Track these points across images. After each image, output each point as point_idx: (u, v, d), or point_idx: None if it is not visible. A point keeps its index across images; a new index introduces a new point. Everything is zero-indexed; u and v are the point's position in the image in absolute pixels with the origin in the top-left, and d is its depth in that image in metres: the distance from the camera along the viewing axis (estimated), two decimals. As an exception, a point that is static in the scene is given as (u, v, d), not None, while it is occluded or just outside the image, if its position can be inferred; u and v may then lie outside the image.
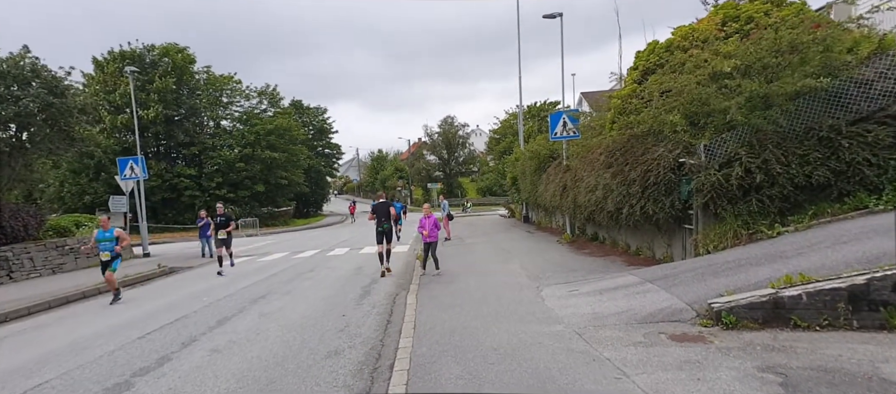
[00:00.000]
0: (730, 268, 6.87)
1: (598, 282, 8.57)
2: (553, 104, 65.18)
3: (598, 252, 12.64)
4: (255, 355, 6.22)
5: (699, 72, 9.07)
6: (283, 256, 18.85)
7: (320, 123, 62.04)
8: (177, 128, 40.37)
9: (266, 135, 42.55)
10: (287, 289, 11.14)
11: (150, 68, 38.73)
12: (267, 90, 46.87)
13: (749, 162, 7.86)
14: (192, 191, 40.01)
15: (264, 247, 24.18)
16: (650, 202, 9.29)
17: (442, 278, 10.71)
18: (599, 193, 11.12)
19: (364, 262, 15.41)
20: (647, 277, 7.81)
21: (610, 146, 11.07)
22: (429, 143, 74.85)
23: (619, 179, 10.22)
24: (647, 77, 12.15)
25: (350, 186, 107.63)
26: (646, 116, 10.03)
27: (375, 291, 10.40)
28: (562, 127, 15.86)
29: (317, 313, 8.49)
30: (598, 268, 10.39)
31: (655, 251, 10.60)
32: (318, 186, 61.77)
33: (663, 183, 9.07)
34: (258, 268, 15.65)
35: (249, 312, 8.91)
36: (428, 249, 11.26)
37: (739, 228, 7.99)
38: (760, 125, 7.97)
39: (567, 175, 15.07)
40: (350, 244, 22.28)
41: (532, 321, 6.66)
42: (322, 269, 14.39)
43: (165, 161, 40.57)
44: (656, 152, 9.30)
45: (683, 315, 6.06)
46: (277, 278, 12.94)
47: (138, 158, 20.08)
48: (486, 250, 15.07)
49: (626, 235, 12.05)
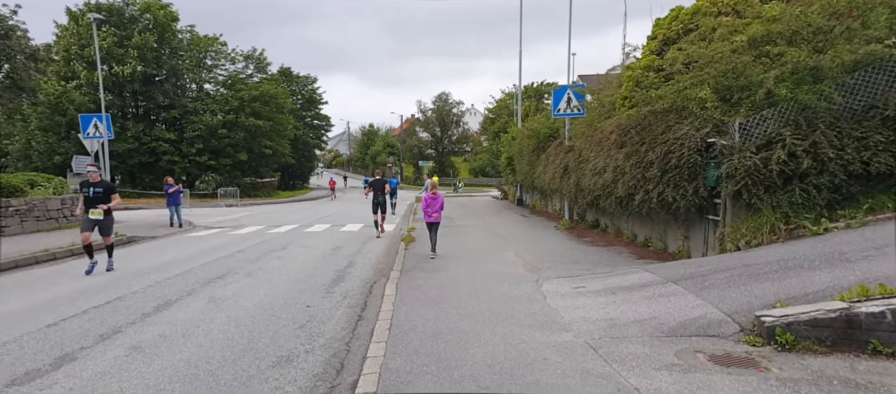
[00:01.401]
0: (774, 271, 5.67)
1: (607, 278, 7.36)
2: (551, 85, 63.73)
3: (601, 241, 11.46)
4: (184, 357, 4.94)
5: (735, 38, 7.77)
6: (256, 230, 17.49)
7: (310, 92, 59.93)
8: (156, 89, 38.29)
9: (251, 101, 40.65)
10: (250, 269, 9.83)
11: (130, 23, 36.46)
12: (254, 54, 44.78)
13: (794, 144, 6.63)
14: (171, 156, 38.20)
15: (240, 219, 22.77)
16: (670, 188, 8.07)
17: (428, 265, 9.46)
18: (608, 175, 9.88)
19: (343, 241, 14.11)
20: (669, 275, 6.61)
21: (623, 124, 9.79)
22: (422, 119, 73.13)
23: (634, 161, 8.97)
24: (667, 48, 10.84)
25: (339, 161, 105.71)
26: (668, 89, 8.74)
27: (351, 275, 9.13)
28: (566, 103, 14.54)
29: (277, 302, 7.21)
30: (604, 260, 9.19)
31: (668, 243, 9.42)
32: (306, 159, 59.99)
33: (686, 166, 7.84)
34: (227, 242, 14.30)
35: (198, 295, 7.60)
36: (431, 230, 10.35)
37: (777, 222, 6.80)
38: (809, 102, 6.73)
39: (569, 156, 13.80)
40: (332, 220, 20.94)
41: (533, 327, 5.44)
42: (295, 247, 13.08)
43: (144, 123, 38.60)
44: (680, 131, 8.04)
45: (723, 329, 4.87)
46: (243, 255, 11.61)
47: (103, 115, 18.41)
48: (479, 234, 13.84)
49: (634, 223, 10.86)
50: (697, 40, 8.61)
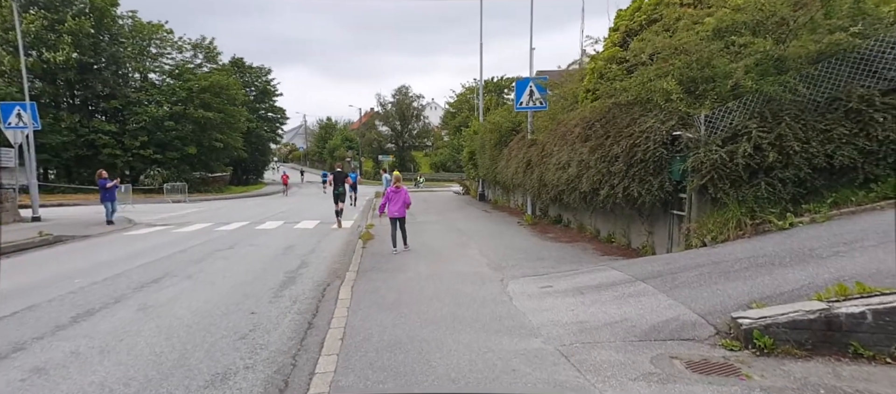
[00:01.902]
0: (745, 268, 5.49)
1: (574, 276, 7.06)
2: (511, 80, 63.96)
3: (564, 237, 11.24)
4: (98, 378, 4.24)
5: (699, 28, 7.61)
6: (203, 228, 16.41)
7: (263, 84, 57.69)
8: (94, 77, 35.71)
9: (200, 92, 38.58)
10: (192, 271, 9.01)
11: (62, 6, 33.77)
12: (202, 43, 42.50)
13: (760, 137, 6.51)
14: (111, 149, 35.75)
15: (187, 216, 21.44)
16: (635, 182, 7.86)
17: (387, 265, 8.93)
18: (573, 170, 9.63)
19: (297, 239, 13.35)
20: (637, 273, 6.36)
21: (588, 117, 9.55)
22: (381, 113, 71.90)
23: (599, 155, 8.73)
24: (629, 39, 10.68)
25: (296, 155, 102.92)
26: (633, 81, 8.53)
27: (303, 277, 8.49)
28: (528, 96, 14.26)
29: (218, 308, 6.52)
30: (568, 257, 8.93)
31: (632, 239, 9.26)
32: (260, 152, 57.86)
33: (652, 160, 7.64)
34: (169, 241, 13.26)
35: (127, 302, 6.80)
36: (396, 225, 10.06)
37: (743, 217, 6.67)
38: (774, 93, 6.62)
39: (532, 150, 13.54)
40: (286, 217, 19.99)
41: (500, 332, 5.03)
42: (244, 245, 12.24)
43: (81, 114, 35.94)
44: (645, 124, 7.83)
45: (698, 332, 4.60)
46: (186, 256, 10.72)
47: (27, 103, 16.78)
48: (440, 231, 13.39)
49: (597, 219, 10.69)
50: (661, 31, 8.44)
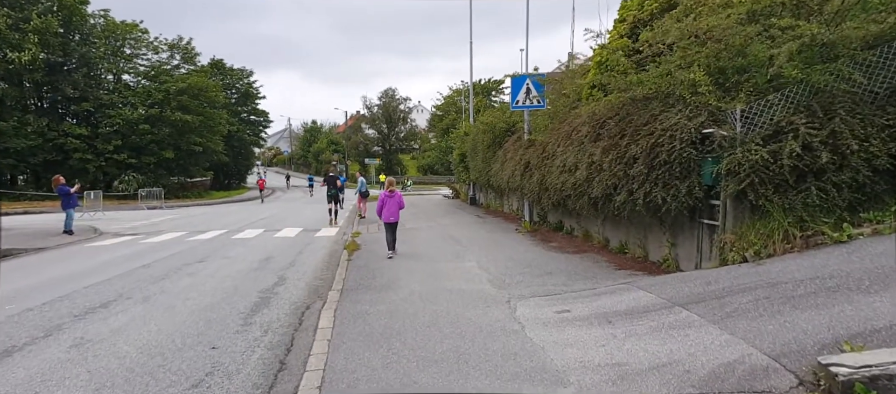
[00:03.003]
0: (812, 292, 4.54)
1: (594, 297, 6.07)
2: (500, 82, 63.27)
3: (570, 247, 10.27)
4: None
5: (730, 11, 6.69)
6: (175, 238, 15.15)
7: (245, 86, 56.14)
8: (64, 79, 34.01)
9: (177, 94, 37.04)
10: (150, 292, 7.84)
11: (28, 4, 32.08)
12: (180, 43, 40.90)
13: (810, 134, 5.59)
14: (83, 154, 34.08)
15: (161, 224, 20.10)
16: (658, 187, 6.90)
17: (376, 282, 7.87)
18: (582, 173, 8.66)
19: (277, 249, 12.20)
20: (672, 296, 5.39)
21: (598, 114, 8.60)
22: (368, 116, 70.76)
23: (613, 156, 7.77)
24: (639, 30, 9.77)
25: (281, 159, 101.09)
26: (651, 73, 7.59)
27: (279, 298, 7.39)
28: (524, 94, 13.29)
29: (172, 342, 5.41)
30: (580, 271, 7.94)
31: (650, 250, 8.32)
32: (242, 156, 56.25)
33: (678, 162, 6.69)
34: (134, 253, 12.02)
35: (61, 337, 5.64)
36: (390, 230, 10.05)
37: (791, 228, 5.74)
38: (824, 83, 5.72)
39: (531, 151, 12.58)
40: (266, 224, 18.77)
41: (518, 377, 4.01)
42: (216, 258, 11.06)
43: (49, 117, 34.20)
44: (668, 120, 6.89)
45: (775, 381, 3.61)
46: (148, 272, 9.52)
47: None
48: (432, 240, 12.34)
49: (606, 226, 9.73)
50: (682, 16, 7.53)
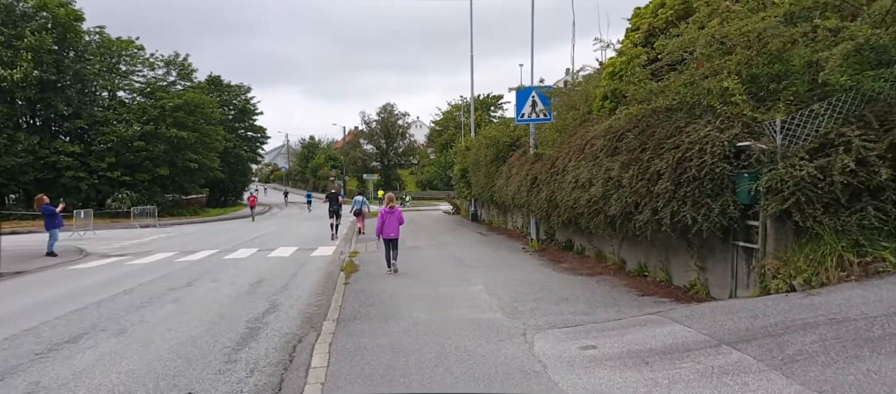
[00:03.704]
0: (893, 334, 3.87)
1: (621, 330, 5.39)
2: (498, 98, 63.10)
3: (583, 268, 9.59)
4: None
5: (765, 13, 6.12)
6: (164, 259, 14.43)
7: (243, 102, 55.71)
8: (57, 96, 33.45)
9: (173, 110, 36.49)
10: (127, 322, 7.13)
11: (21, 21, 31.65)
12: (176, 60, 40.46)
13: (864, 148, 4.97)
14: (75, 171, 33.37)
15: (151, 243, 19.37)
16: (688, 205, 6.26)
17: (375, 310, 7.17)
18: (597, 189, 8.02)
19: (270, 271, 11.50)
20: (715, 331, 4.71)
21: (614, 127, 8.00)
22: (366, 131, 70.34)
23: (634, 172, 7.15)
24: (652, 40, 9.23)
25: (278, 175, 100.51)
26: (674, 83, 7.01)
27: (269, 329, 6.69)
28: (530, 107, 12.72)
29: (143, 387, 4.70)
30: (600, 297, 7.25)
31: (673, 274, 7.65)
32: (239, 173, 55.61)
33: (709, 178, 6.06)
34: (117, 277, 11.30)
35: (12, 381, 4.94)
36: (389, 246, 10.04)
37: (845, 253, 5.09)
38: (879, 90, 5.12)
39: (537, 166, 11.97)
40: (261, 243, 18.06)
41: (551, 443, 3.31)
42: (205, 282, 10.35)
43: (41, 135, 33.57)
44: (696, 133, 6.28)
45: (872, 447, 2.94)
46: (129, 298, 8.81)
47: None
48: (435, 260, 11.65)
49: (622, 246, 9.07)
50: (705, 20, 6.97)
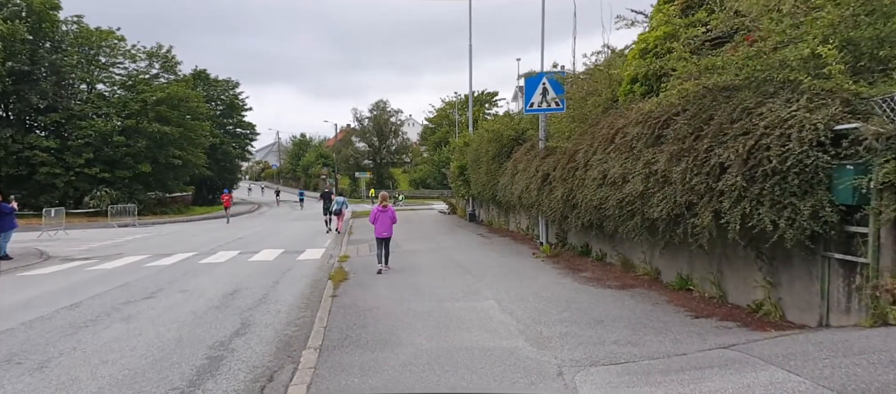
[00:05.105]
0: None
1: (693, 372, 4.06)
2: (493, 94, 61.85)
3: (608, 278, 8.26)
4: None
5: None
6: (132, 263, 12.95)
7: (231, 98, 53.87)
8: (31, 88, 31.65)
9: (155, 104, 34.74)
10: (55, 351, 5.70)
11: (-8, 8, 29.87)
12: (159, 51, 38.64)
13: None
14: (51, 167, 31.61)
15: (123, 245, 17.80)
16: (766, 206, 4.94)
17: (367, 332, 5.81)
18: (635, 186, 6.70)
19: (248, 278, 10.08)
20: (838, 383, 3.40)
21: (655, 112, 6.67)
22: (358, 128, 68.74)
23: (687, 164, 5.82)
24: (690, 10, 7.93)
25: (269, 172, 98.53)
26: (739, 54, 5.70)
27: (234, 358, 5.31)
28: (540, 96, 11.41)
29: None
30: (642, 318, 5.92)
31: (729, 289, 6.34)
32: (227, 170, 53.79)
33: (795, 172, 4.75)
34: (70, 286, 9.83)
35: None
36: (381, 245, 9.86)
37: None
38: None
39: (549, 161, 10.64)
40: (243, 245, 16.58)
41: None
42: (171, 292, 8.92)
43: (14, 129, 31.76)
44: (774, 114, 4.98)
45: None
46: (73, 314, 7.36)
47: None
48: (435, 267, 10.27)
49: (657, 253, 7.74)
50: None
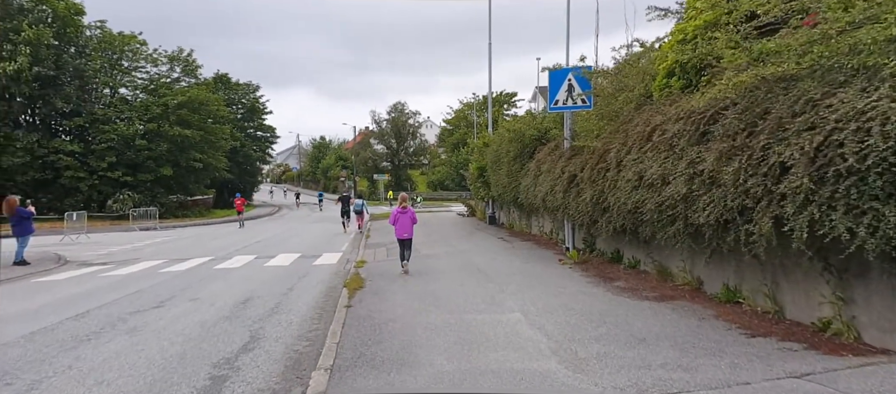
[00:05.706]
0: None
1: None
2: (512, 95, 61.11)
3: (644, 288, 7.60)
4: None
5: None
6: (148, 268, 12.73)
7: (252, 101, 54.31)
8: (56, 93, 32.18)
9: (177, 108, 35.06)
10: (51, 369, 5.33)
11: (18, 14, 30.41)
12: (180, 55, 39.05)
13: None
14: (75, 171, 32.13)
15: (141, 250, 17.72)
16: (839, 212, 4.27)
17: (382, 348, 5.30)
18: (678, 188, 6.05)
19: (262, 285, 9.70)
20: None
21: (700, 108, 6.00)
22: (376, 131, 68.76)
23: (740, 164, 5.17)
24: None
25: (289, 175, 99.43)
26: (799, 38, 5.02)
27: (240, 379, 4.86)
28: (566, 93, 10.79)
29: None
30: (688, 336, 5.27)
31: (785, 304, 5.64)
32: (248, 174, 54.26)
33: (878, 172, 4.07)
34: (81, 293, 9.57)
35: None
36: (403, 246, 9.99)
37: None
38: None
39: (576, 162, 10.01)
40: (261, 249, 16.31)
41: None
42: (181, 301, 8.56)
43: (39, 133, 32.33)
44: (850, 105, 4.30)
45: None
46: (76, 326, 7.03)
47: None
48: (454, 273, 9.73)
49: (696, 261, 7.05)
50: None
